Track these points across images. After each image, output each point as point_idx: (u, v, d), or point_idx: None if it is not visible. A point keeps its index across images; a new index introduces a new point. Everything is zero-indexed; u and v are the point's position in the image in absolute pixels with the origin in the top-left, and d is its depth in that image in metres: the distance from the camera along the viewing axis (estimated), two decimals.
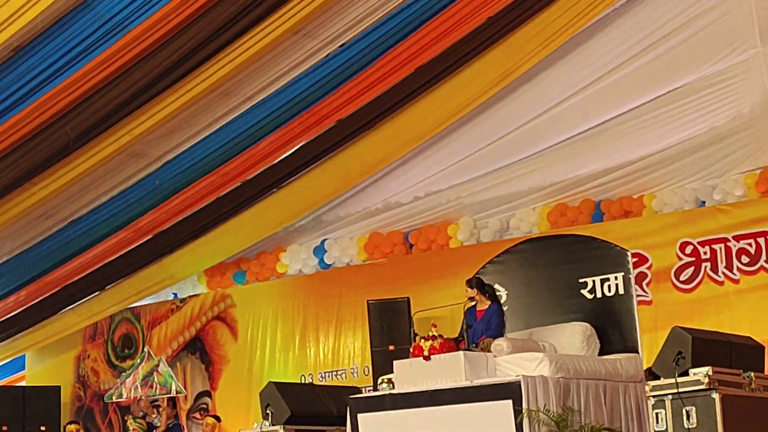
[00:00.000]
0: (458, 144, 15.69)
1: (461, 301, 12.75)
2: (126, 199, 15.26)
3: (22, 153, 12.84)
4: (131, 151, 14.18)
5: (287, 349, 17.14)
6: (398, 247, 16.64)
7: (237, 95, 13.79)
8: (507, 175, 15.68)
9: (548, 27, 13.95)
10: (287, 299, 17.33)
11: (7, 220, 14.30)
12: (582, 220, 15.39)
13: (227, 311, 17.87)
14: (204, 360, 17.93)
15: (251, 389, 16.85)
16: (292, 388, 14.46)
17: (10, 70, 11.74)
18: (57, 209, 15.06)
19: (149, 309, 18.71)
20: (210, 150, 14.65)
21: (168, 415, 16.60)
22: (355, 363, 16.45)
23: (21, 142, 12.67)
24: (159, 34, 11.84)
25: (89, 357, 19.18)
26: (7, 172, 13.05)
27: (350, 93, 14.32)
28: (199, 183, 15.33)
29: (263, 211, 16.45)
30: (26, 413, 17.61)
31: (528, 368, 10.65)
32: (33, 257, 15.90)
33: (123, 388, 17.37)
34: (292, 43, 13.15)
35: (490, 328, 11.69)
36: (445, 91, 14.70)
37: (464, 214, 16.17)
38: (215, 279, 18.18)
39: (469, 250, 15.84)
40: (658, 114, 14.69)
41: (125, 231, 16.00)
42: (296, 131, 14.83)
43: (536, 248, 14.47)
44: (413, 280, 15.87)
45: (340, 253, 17.01)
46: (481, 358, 10.91)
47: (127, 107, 12.88)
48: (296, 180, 15.95)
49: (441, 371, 10.85)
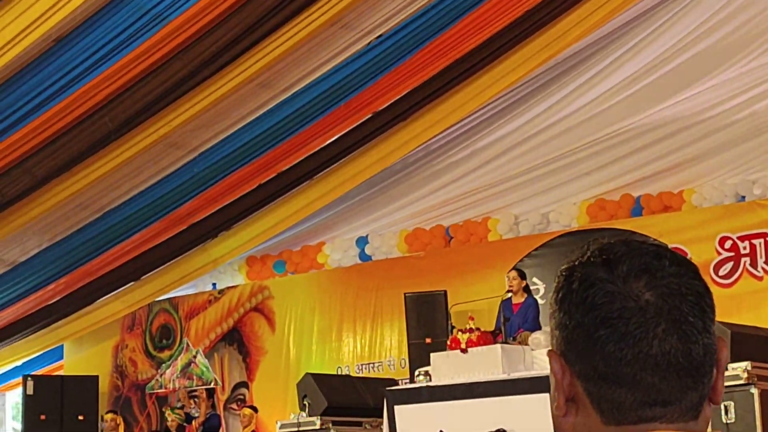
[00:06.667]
0: (499, 138, 15.64)
1: (498, 294, 12.76)
2: (163, 189, 15.30)
3: (62, 143, 12.93)
4: (169, 141, 14.23)
5: (324, 341, 17.14)
6: (437, 240, 16.62)
7: (275, 86, 13.81)
8: (547, 169, 15.60)
9: (589, 17, 13.87)
10: (325, 291, 17.34)
11: (47, 209, 14.38)
12: (621, 214, 15.30)
13: (265, 303, 17.89)
14: (241, 351, 17.96)
15: (288, 381, 16.86)
16: (329, 380, 14.50)
17: (50, 61, 11.81)
18: (95, 199, 15.14)
19: (187, 300, 18.77)
20: (247, 140, 14.66)
21: (206, 405, 16.70)
22: (392, 355, 16.44)
23: (61, 133, 12.75)
24: (198, 25, 11.87)
25: (127, 347, 19.25)
26: (47, 161, 13.15)
27: (388, 84, 14.30)
28: (237, 173, 15.35)
29: (301, 200, 16.45)
30: (64, 403, 17.69)
31: None
32: (72, 246, 15.98)
33: (162, 379, 17.47)
34: (330, 34, 13.15)
35: (527, 321, 11.69)
36: (483, 83, 14.65)
37: (505, 208, 16.10)
38: (255, 268, 18.23)
39: (507, 244, 15.79)
40: (699, 109, 14.59)
41: (163, 220, 16.05)
42: (333, 122, 14.83)
43: (575, 242, 14.45)
44: (451, 273, 15.81)
45: (380, 244, 17.01)
46: (519, 352, 10.90)
47: (166, 98, 12.94)
48: (334, 170, 15.94)
49: (478, 364, 10.85)
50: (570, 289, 1.57)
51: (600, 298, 1.53)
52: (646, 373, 1.51)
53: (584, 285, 1.55)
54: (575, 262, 1.59)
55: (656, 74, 14.55)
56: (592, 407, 1.55)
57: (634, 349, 1.51)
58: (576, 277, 1.57)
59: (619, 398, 1.52)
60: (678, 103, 14.68)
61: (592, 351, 1.53)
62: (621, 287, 1.53)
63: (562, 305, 1.58)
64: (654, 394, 1.52)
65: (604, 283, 1.54)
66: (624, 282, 1.53)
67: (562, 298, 1.58)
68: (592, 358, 1.53)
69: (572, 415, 1.57)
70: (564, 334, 1.57)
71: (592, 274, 1.55)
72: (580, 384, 1.55)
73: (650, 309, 1.51)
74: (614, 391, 1.52)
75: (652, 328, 1.51)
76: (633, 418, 1.53)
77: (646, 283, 1.53)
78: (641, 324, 1.51)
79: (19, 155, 12.88)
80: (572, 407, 1.57)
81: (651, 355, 1.51)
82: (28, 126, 12.39)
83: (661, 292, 1.53)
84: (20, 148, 12.74)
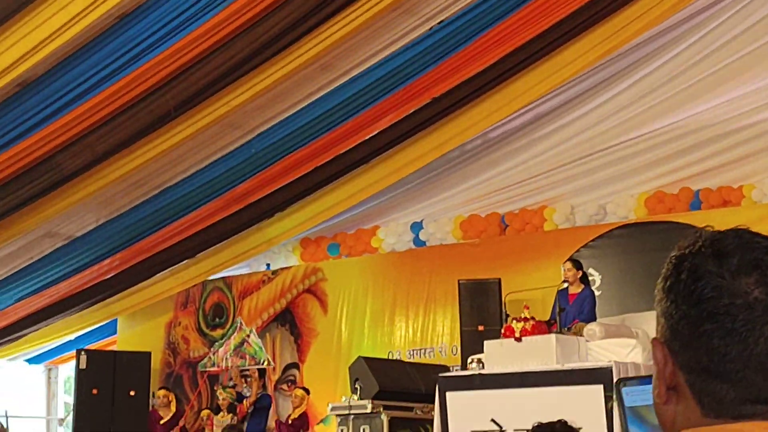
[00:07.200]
0: (558, 127, 15.55)
1: (553, 284, 12.71)
2: (221, 168, 15.37)
3: (123, 120, 13.00)
4: (228, 121, 14.27)
5: (376, 325, 17.14)
6: (492, 228, 16.55)
7: (335, 69, 13.80)
8: (605, 160, 15.49)
9: (652, 9, 13.74)
10: (378, 275, 17.34)
11: (105, 184, 14.48)
12: (680, 208, 15.16)
13: (318, 285, 17.92)
14: (293, 332, 18.00)
15: (339, 363, 16.91)
16: (382, 364, 14.53)
17: (113, 38, 11.85)
18: (154, 176, 15.23)
19: (241, 279, 18.85)
20: (306, 122, 14.67)
21: (257, 385, 16.79)
22: (444, 342, 16.40)
23: (123, 109, 12.82)
24: (261, 6, 11.87)
25: (180, 324, 19.37)
26: (108, 137, 13.23)
27: (448, 70, 14.25)
28: (294, 155, 15.38)
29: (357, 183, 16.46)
30: (116, 378, 17.80)
31: (620, 354, 10.57)
32: (128, 223, 16.10)
33: (215, 357, 17.58)
34: (392, 19, 13.12)
35: (582, 312, 11.63)
36: (544, 72, 14.56)
37: (562, 198, 16.01)
38: (309, 250, 18.27)
39: (563, 234, 15.69)
40: (762, 103, 14.42)
41: (219, 200, 16.12)
42: (392, 107, 14.80)
43: (633, 234, 14.36)
44: (505, 261, 15.74)
45: (435, 230, 16.98)
46: (573, 342, 10.86)
47: (226, 78, 12.97)
48: (391, 155, 15.92)
49: (532, 353, 10.82)
50: (678, 279, 1.56)
51: (708, 292, 1.52)
52: (750, 371, 1.50)
53: (693, 277, 1.55)
54: (685, 251, 1.58)
55: (719, 65, 14.34)
56: (692, 398, 1.55)
57: (739, 347, 1.50)
58: (685, 267, 1.56)
59: (720, 393, 1.52)
60: (741, 97, 14.51)
61: (697, 344, 1.53)
62: (729, 282, 1.52)
63: (668, 294, 1.57)
64: (756, 391, 1.51)
65: (712, 276, 1.53)
66: (733, 277, 1.52)
67: (669, 287, 1.58)
68: (696, 351, 1.53)
69: (673, 403, 1.57)
70: (669, 324, 1.57)
71: (702, 266, 1.54)
72: (682, 375, 1.56)
73: (758, 307, 1.51)
74: (716, 386, 1.52)
75: (759, 326, 1.50)
76: (733, 413, 1.52)
77: (756, 279, 1.52)
78: (748, 322, 1.50)
79: (81, 130, 12.96)
80: (673, 396, 1.57)
81: (756, 354, 1.50)
82: (90, 101, 12.46)
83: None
84: (81, 123, 12.82)
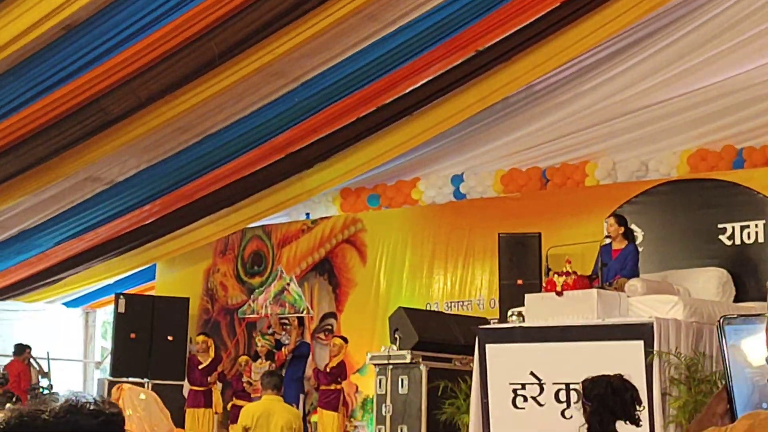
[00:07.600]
0: (603, 82, 15.42)
1: (593, 239, 12.67)
2: (263, 117, 15.37)
3: (168, 65, 13.01)
4: (272, 70, 14.25)
5: (414, 277, 17.15)
6: (533, 182, 16.48)
7: (381, 19, 13.73)
8: (648, 116, 15.36)
9: None
10: (418, 227, 17.33)
11: (148, 130, 14.53)
12: (722, 166, 15.00)
13: (357, 235, 17.94)
14: (331, 282, 18.05)
15: (376, 314, 16.95)
16: (421, 315, 14.56)
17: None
18: (196, 123, 15.26)
19: (280, 228, 18.89)
20: (349, 72, 14.64)
21: (296, 333, 16.86)
22: (482, 295, 16.40)
23: (168, 55, 12.83)
24: None
25: (219, 271, 19.46)
26: (152, 83, 13.24)
27: (494, 23, 14.16)
28: (337, 105, 15.36)
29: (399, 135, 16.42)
30: (154, 323, 17.92)
31: (661, 310, 10.54)
32: (170, 169, 16.16)
33: (255, 304, 17.65)
34: None
35: (625, 268, 11.59)
36: (590, 26, 14.44)
37: (604, 153, 15.91)
38: (349, 201, 18.28)
39: (604, 189, 15.61)
40: None
41: (261, 148, 16.14)
42: (437, 58, 14.74)
43: (676, 191, 14.28)
44: (546, 216, 15.67)
45: (475, 183, 16.93)
46: (615, 297, 10.83)
47: (271, 26, 12.94)
48: (434, 107, 15.87)
49: (573, 308, 10.80)
50: None
51: None
52: None
53: None
54: None
55: (766, 23, 14.18)
56: None
57: None
58: None
59: None
60: None
61: None
62: None
63: None
64: None
65: None
66: None
67: None
68: None
69: None
70: None
71: None
72: None
73: None
74: None
75: None
76: None
77: None
78: None
79: (125, 75, 12.99)
80: None
81: None
82: (135, 46, 12.48)
83: None
84: (126, 68, 12.85)
